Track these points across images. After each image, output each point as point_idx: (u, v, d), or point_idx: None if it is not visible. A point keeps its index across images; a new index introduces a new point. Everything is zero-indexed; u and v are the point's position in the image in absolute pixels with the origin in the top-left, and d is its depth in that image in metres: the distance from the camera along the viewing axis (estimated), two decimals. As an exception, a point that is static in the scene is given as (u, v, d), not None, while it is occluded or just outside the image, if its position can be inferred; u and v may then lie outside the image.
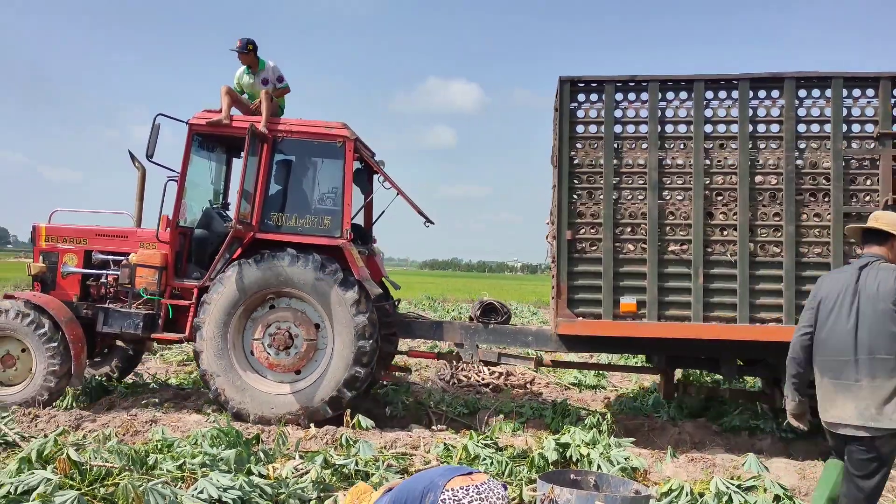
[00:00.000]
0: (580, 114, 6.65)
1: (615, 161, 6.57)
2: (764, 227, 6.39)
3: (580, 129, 6.65)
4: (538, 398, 8.59)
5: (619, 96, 6.61)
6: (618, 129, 6.61)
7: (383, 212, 8.50)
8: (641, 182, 6.54)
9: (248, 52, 7.67)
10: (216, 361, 7.06)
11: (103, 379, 8.37)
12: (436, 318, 8.46)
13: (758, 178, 6.42)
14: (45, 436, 5.00)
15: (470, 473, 3.56)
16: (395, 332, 7.94)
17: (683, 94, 6.55)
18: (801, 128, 6.41)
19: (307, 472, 4.79)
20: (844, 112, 6.34)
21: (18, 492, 4.03)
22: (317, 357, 7.16)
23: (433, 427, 6.96)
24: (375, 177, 8.47)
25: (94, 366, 8.48)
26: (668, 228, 6.50)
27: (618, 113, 6.61)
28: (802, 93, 6.40)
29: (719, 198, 6.47)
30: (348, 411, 6.17)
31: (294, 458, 5.18)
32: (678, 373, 8.02)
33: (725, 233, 6.44)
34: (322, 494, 4.62)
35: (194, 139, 7.49)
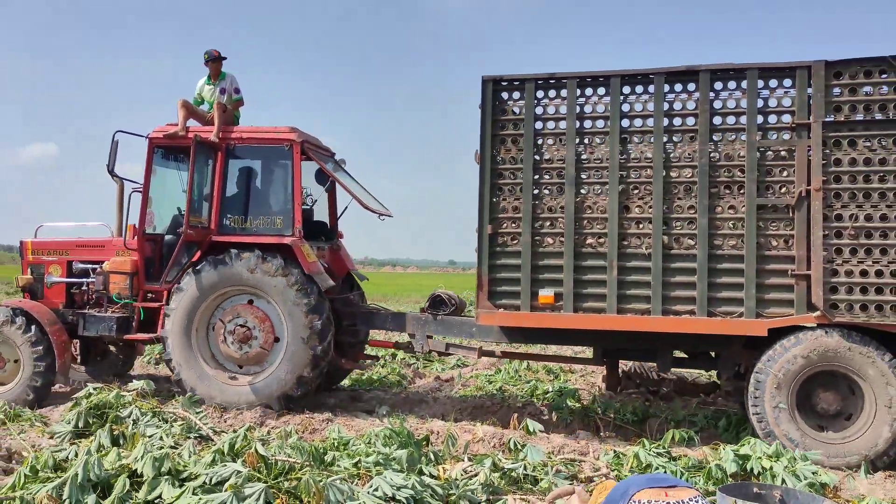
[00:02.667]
0: (503, 112, 6.86)
1: (535, 157, 6.75)
2: (679, 220, 6.42)
3: (503, 126, 6.86)
4: (710, 407, 8.06)
5: (539, 94, 6.78)
6: (538, 125, 6.78)
7: (346, 208, 8.94)
8: (560, 177, 6.70)
9: (215, 59, 8.27)
10: (181, 354, 7.68)
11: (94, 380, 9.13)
12: (395, 310, 8.74)
13: (673, 172, 6.46)
14: (235, 431, 5.28)
15: (673, 486, 3.38)
16: (355, 322, 8.35)
17: (601, 90, 6.65)
18: (717, 120, 6.40)
19: (476, 475, 4.82)
20: (760, 103, 6.28)
21: (213, 482, 4.31)
22: (274, 350, 7.65)
23: (601, 433, 6.98)
24: (339, 174, 8.89)
25: (91, 372, 9.16)
26: (585, 222, 6.63)
27: (538, 110, 6.77)
28: (718, 85, 6.39)
29: (635, 191, 6.54)
30: (515, 415, 6.15)
31: (463, 461, 5.21)
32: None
33: (641, 226, 6.51)
34: (491, 497, 4.66)
35: (156, 151, 8.07)
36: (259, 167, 8.40)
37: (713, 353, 7.11)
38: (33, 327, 7.81)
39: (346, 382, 9.60)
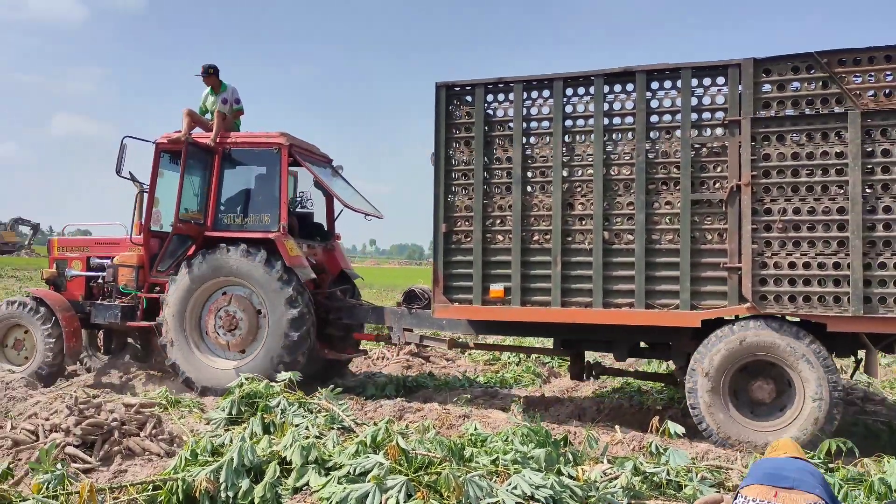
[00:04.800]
0: (456, 116, 7.22)
1: (486, 158, 7.09)
2: (618, 216, 6.66)
3: (456, 129, 7.21)
4: (870, 417, 7.52)
5: (489, 97, 7.11)
6: (488, 128, 7.11)
7: (341, 211, 9.48)
8: (508, 177, 7.02)
9: (209, 74, 8.89)
10: (175, 339, 8.37)
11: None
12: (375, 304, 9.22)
13: (613, 170, 6.70)
14: (376, 423, 5.43)
15: (791, 489, 3.27)
16: (341, 315, 8.87)
17: (546, 93, 6.92)
18: (654, 119, 6.60)
19: (616, 478, 4.69)
20: (695, 101, 6.46)
21: (356, 472, 4.46)
22: (258, 337, 8.26)
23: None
24: (334, 178, 9.49)
25: (112, 360, 9.82)
26: (532, 220, 6.94)
27: (488, 113, 7.11)
28: (655, 85, 6.59)
29: (578, 189, 6.81)
30: (656, 418, 5.93)
31: (602, 462, 5.09)
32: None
33: (584, 222, 6.78)
34: (632, 501, 4.51)
35: (162, 156, 8.79)
36: (251, 169, 9.03)
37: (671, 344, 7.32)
38: (45, 312, 8.65)
39: (481, 379, 9.79)
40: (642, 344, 7.56)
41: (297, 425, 5.54)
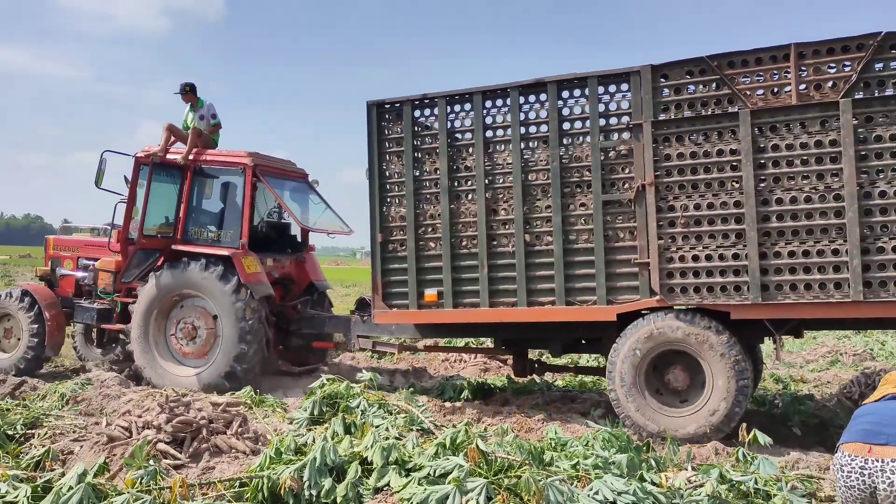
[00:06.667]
0: (387, 132, 7.64)
1: (415, 171, 7.50)
2: (538, 219, 7.05)
3: (387, 144, 7.64)
4: None
5: (416, 113, 7.52)
6: (416, 141, 7.52)
7: (320, 230, 9.94)
8: (436, 187, 7.42)
9: (186, 92, 9.41)
10: (139, 346, 8.87)
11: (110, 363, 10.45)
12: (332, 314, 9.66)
13: (531, 175, 7.09)
14: (454, 426, 5.45)
15: (886, 444, 3.31)
16: (300, 326, 9.32)
17: (467, 106, 7.33)
18: (566, 126, 6.98)
19: (702, 485, 4.51)
20: (602, 108, 6.83)
21: (436, 474, 4.44)
22: (215, 346, 8.71)
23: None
24: (310, 195, 9.99)
25: (105, 353, 10.42)
26: (459, 226, 7.33)
27: (415, 128, 7.53)
28: (565, 94, 6.96)
29: (500, 195, 7.20)
30: (744, 426, 5.53)
31: (686, 470, 4.96)
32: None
33: (507, 226, 7.16)
34: None
35: (142, 168, 9.27)
36: (218, 186, 9.54)
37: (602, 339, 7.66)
38: (31, 305, 9.25)
39: (559, 383, 9.60)
40: (584, 340, 7.92)
41: (377, 426, 5.58)
